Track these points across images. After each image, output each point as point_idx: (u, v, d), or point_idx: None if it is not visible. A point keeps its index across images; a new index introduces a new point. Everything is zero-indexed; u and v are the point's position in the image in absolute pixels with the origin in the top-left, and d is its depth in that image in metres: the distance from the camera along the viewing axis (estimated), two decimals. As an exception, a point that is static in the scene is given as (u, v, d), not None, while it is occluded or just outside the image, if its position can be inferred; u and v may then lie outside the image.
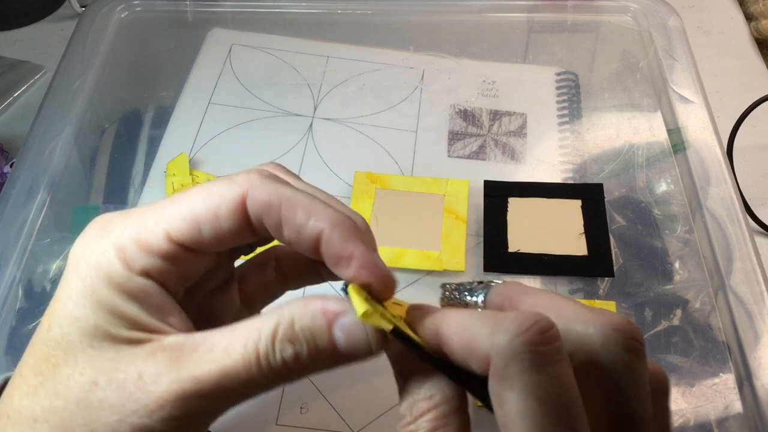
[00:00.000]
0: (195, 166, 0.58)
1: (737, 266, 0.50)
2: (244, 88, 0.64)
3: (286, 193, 0.29)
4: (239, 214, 0.29)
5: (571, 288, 0.50)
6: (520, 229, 0.52)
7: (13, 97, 0.69)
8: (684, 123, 0.58)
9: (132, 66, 0.67)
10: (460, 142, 0.60)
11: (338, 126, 0.61)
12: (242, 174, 0.30)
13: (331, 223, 0.28)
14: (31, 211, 0.54)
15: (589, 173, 0.57)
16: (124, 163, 0.59)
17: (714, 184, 0.54)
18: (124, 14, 0.69)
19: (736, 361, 0.47)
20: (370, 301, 0.27)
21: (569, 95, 0.63)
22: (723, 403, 0.45)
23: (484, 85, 0.64)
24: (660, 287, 0.50)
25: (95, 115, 0.62)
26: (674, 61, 0.63)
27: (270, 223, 0.29)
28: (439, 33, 0.68)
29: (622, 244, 0.52)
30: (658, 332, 0.48)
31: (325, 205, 0.29)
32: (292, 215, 0.29)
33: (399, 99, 0.63)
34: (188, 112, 0.62)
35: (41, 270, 0.52)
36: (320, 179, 0.57)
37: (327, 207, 0.29)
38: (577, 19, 0.69)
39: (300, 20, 0.69)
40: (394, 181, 0.55)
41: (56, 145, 0.58)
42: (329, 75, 0.65)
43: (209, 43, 0.68)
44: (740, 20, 0.76)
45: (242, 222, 0.29)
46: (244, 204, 0.29)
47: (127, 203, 0.56)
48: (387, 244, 0.51)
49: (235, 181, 0.30)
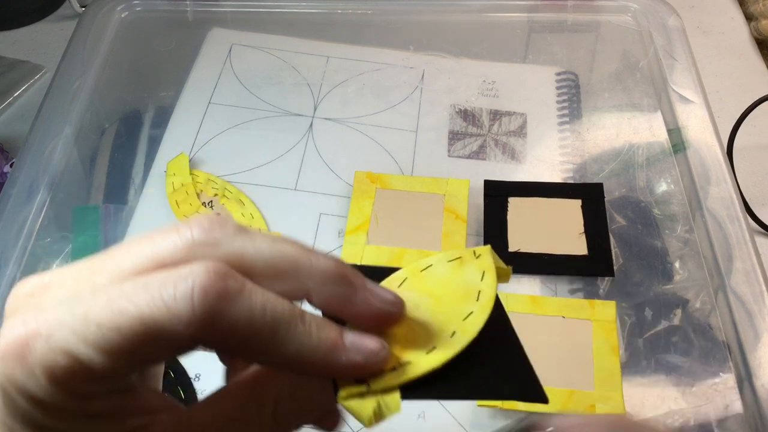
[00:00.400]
0: (195, 165, 0.58)
1: (737, 266, 0.50)
2: (244, 87, 0.64)
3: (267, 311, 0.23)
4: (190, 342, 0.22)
5: (571, 287, 0.50)
6: (520, 228, 0.52)
7: (13, 97, 0.69)
8: (684, 123, 0.58)
9: (132, 66, 0.67)
10: (460, 141, 0.60)
11: (338, 126, 0.61)
12: (196, 267, 0.22)
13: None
14: (31, 210, 0.54)
15: (589, 173, 0.57)
16: (124, 162, 0.59)
17: (714, 183, 0.54)
18: (125, 14, 0.69)
19: (736, 361, 0.47)
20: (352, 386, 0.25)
21: (569, 95, 0.63)
22: (723, 403, 0.45)
23: (484, 85, 0.64)
24: (660, 287, 0.50)
25: (95, 115, 0.62)
26: (674, 61, 0.63)
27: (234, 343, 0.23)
28: (440, 33, 0.68)
29: (622, 244, 0.52)
30: (658, 332, 0.48)
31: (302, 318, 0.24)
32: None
33: (399, 99, 0.63)
34: (188, 112, 0.62)
35: (41, 270, 0.52)
36: (320, 179, 0.57)
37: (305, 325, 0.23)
38: (577, 19, 0.69)
39: (300, 20, 0.69)
40: (395, 180, 0.55)
41: (56, 145, 0.58)
42: (329, 75, 0.65)
43: (209, 43, 0.68)
44: (740, 20, 0.76)
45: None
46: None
47: (127, 203, 0.56)
48: (387, 243, 0.51)
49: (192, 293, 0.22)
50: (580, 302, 0.48)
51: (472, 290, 0.28)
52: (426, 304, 0.28)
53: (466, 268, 0.29)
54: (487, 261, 0.29)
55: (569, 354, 0.46)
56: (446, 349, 0.26)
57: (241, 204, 0.54)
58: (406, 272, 0.29)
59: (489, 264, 0.29)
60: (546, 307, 0.48)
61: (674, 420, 0.44)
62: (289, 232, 0.53)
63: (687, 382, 0.46)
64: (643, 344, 0.48)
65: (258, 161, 0.58)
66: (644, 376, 0.46)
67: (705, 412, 0.45)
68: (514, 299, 0.49)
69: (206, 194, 0.55)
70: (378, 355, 0.24)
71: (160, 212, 0.55)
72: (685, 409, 0.45)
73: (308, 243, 0.53)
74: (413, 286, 0.28)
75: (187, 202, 0.54)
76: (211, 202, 0.55)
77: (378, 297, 0.25)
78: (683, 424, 0.44)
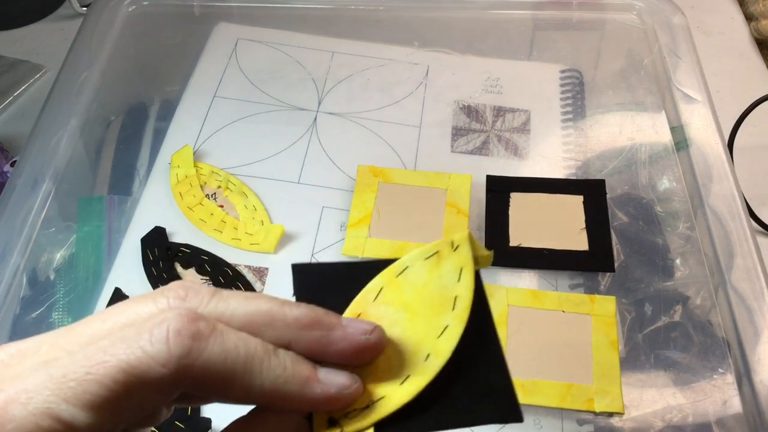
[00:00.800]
0: (199, 158, 0.58)
1: (738, 263, 0.50)
2: (249, 82, 0.64)
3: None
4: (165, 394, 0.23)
5: (571, 283, 0.51)
6: (522, 223, 0.53)
7: (14, 97, 0.70)
8: (687, 120, 0.58)
9: (138, 59, 0.67)
10: (463, 137, 0.60)
11: (342, 120, 0.61)
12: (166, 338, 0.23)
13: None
14: (36, 201, 0.54)
15: (591, 170, 0.57)
16: (129, 154, 0.59)
17: (716, 181, 0.54)
18: (132, 8, 0.70)
19: (736, 357, 0.47)
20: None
21: (573, 92, 0.63)
22: (722, 399, 0.45)
23: (488, 82, 0.64)
24: (660, 283, 0.51)
25: (101, 108, 0.62)
26: (678, 59, 0.63)
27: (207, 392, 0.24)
28: (444, 29, 0.68)
29: (623, 240, 0.53)
30: (658, 328, 0.48)
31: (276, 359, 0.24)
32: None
33: (403, 94, 0.63)
34: (193, 105, 0.62)
35: (45, 259, 0.52)
36: (323, 173, 0.57)
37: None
38: (582, 17, 0.69)
39: (306, 16, 0.70)
40: (397, 175, 0.55)
41: (62, 137, 0.58)
42: (334, 70, 0.65)
43: (215, 38, 0.68)
44: (740, 20, 0.76)
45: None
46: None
47: (132, 194, 0.56)
48: (388, 237, 0.52)
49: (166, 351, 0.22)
50: (580, 297, 0.49)
51: (448, 297, 0.28)
52: (401, 322, 0.28)
53: (443, 266, 0.29)
54: (465, 254, 0.29)
55: (568, 348, 0.46)
56: (420, 377, 0.26)
57: (244, 196, 0.55)
58: (383, 280, 0.29)
59: (467, 257, 0.29)
60: (546, 301, 0.48)
61: (673, 415, 0.45)
62: (291, 225, 0.53)
63: (686, 378, 0.46)
64: (643, 340, 0.48)
65: (262, 154, 0.58)
66: (643, 371, 0.47)
67: (703, 408, 0.45)
68: (514, 293, 0.49)
69: (210, 186, 0.56)
70: (350, 387, 0.25)
71: (164, 203, 0.55)
72: (684, 404, 0.45)
73: (309, 240, 0.53)
74: (389, 298, 0.28)
75: (191, 194, 0.55)
76: (214, 194, 0.55)
77: (355, 330, 0.26)
78: (682, 419, 0.44)
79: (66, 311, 0.50)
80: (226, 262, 0.52)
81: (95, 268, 0.52)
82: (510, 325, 0.47)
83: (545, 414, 0.45)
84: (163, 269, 0.51)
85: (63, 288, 0.51)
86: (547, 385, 0.45)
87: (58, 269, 0.52)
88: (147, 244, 0.52)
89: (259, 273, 0.51)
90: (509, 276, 0.51)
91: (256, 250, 0.52)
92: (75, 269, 0.52)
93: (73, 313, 0.50)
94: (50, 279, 0.51)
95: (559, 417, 0.45)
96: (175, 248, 0.52)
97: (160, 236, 0.53)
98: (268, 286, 0.50)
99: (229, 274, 0.51)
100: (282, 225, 0.52)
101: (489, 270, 0.51)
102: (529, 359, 0.46)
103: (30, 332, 0.49)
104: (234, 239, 0.52)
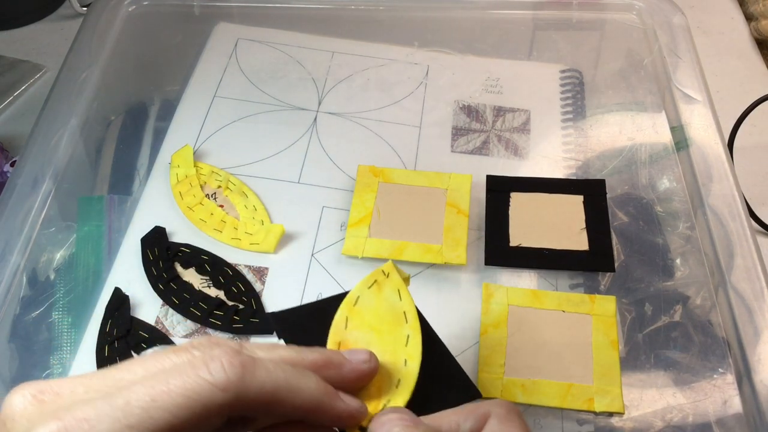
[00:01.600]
0: (199, 157, 0.58)
1: (738, 263, 0.50)
2: (249, 81, 0.64)
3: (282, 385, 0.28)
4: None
5: (571, 282, 0.51)
6: (522, 223, 0.53)
7: (14, 97, 0.70)
8: (687, 120, 0.58)
9: (138, 59, 0.67)
10: (463, 137, 0.60)
11: (342, 120, 0.61)
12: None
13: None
14: (36, 200, 0.54)
15: (592, 170, 0.57)
16: (129, 154, 0.59)
17: (716, 181, 0.54)
18: (132, 8, 0.70)
19: (736, 357, 0.47)
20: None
21: (573, 92, 0.63)
22: (722, 399, 0.45)
23: (489, 82, 0.64)
24: (661, 283, 0.51)
25: (101, 107, 0.62)
26: (678, 59, 0.63)
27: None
28: (444, 29, 0.69)
29: (623, 240, 0.53)
30: (658, 328, 0.48)
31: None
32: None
33: (403, 94, 0.63)
34: (194, 105, 0.62)
35: (45, 259, 0.52)
36: (323, 172, 0.57)
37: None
38: (582, 17, 0.69)
39: (306, 15, 0.70)
40: (397, 174, 0.55)
41: (62, 136, 0.58)
42: (334, 70, 0.65)
43: (215, 37, 0.68)
44: (740, 20, 0.76)
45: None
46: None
47: (132, 194, 0.56)
48: (388, 236, 0.52)
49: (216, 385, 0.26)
50: (580, 297, 0.49)
51: (399, 312, 0.35)
52: (373, 341, 0.34)
53: (384, 290, 0.35)
54: (395, 278, 0.35)
55: (569, 348, 0.46)
56: (408, 378, 0.33)
57: (244, 196, 0.55)
58: (345, 311, 0.35)
59: (398, 280, 0.35)
60: (546, 301, 0.48)
61: (673, 415, 0.45)
62: (291, 225, 0.53)
63: (686, 377, 0.46)
64: (643, 339, 0.48)
65: (262, 154, 0.58)
66: (643, 371, 0.47)
67: (703, 407, 0.45)
68: (514, 293, 0.49)
69: (210, 186, 0.56)
70: (362, 408, 0.31)
71: (164, 203, 0.55)
72: (684, 404, 0.45)
73: (309, 240, 0.53)
74: (356, 324, 0.35)
75: (191, 194, 0.55)
76: (214, 193, 0.55)
77: (357, 360, 0.31)
78: (681, 419, 0.44)
79: (66, 311, 0.50)
80: (226, 262, 0.52)
81: (95, 268, 0.52)
82: (510, 325, 0.47)
83: (545, 414, 0.45)
84: (163, 269, 0.51)
85: (63, 288, 0.51)
86: (547, 385, 0.45)
87: (58, 269, 0.52)
88: (147, 244, 0.52)
89: (259, 273, 0.51)
90: (509, 276, 0.51)
91: (256, 250, 0.52)
92: (75, 269, 0.52)
93: (73, 313, 0.50)
94: (50, 279, 0.51)
95: (559, 417, 0.45)
96: (175, 248, 0.52)
97: (160, 236, 0.53)
98: (268, 286, 0.50)
99: (229, 273, 0.51)
100: (282, 225, 0.52)
101: (489, 270, 0.51)
102: (529, 359, 0.46)
103: (30, 332, 0.49)
104: (234, 239, 0.52)
